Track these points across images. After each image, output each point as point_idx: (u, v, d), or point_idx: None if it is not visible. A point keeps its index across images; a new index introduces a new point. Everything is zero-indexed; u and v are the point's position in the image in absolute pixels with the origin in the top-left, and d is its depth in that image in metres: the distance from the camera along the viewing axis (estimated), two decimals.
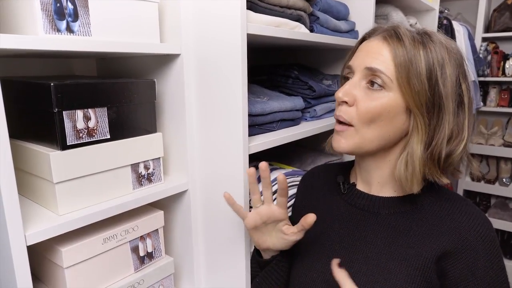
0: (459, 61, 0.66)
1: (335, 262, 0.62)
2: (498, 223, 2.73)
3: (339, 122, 0.68)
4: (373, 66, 0.64)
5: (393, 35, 0.65)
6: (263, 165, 0.69)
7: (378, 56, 0.64)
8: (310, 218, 0.65)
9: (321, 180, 0.83)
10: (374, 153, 0.69)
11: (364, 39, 0.71)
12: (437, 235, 0.64)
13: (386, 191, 0.72)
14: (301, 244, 0.75)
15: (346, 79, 0.70)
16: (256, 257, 0.79)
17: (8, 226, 0.59)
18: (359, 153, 0.70)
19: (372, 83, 0.64)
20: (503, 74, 2.74)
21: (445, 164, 0.66)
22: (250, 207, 0.96)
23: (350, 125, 0.67)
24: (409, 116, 0.65)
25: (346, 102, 0.66)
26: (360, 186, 0.75)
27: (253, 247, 0.85)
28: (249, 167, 0.85)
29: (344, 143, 0.67)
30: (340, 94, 0.66)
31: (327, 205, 0.78)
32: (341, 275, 0.60)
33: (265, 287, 0.77)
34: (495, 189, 2.82)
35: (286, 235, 0.70)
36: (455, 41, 2.22)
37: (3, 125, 0.57)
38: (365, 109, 0.64)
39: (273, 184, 0.99)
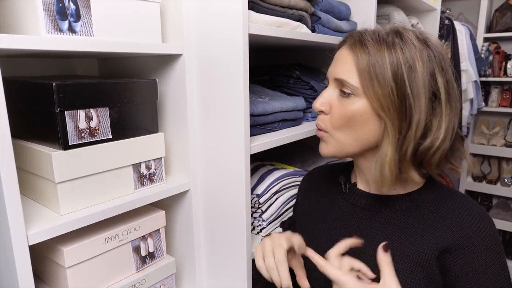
0: (438, 56, 0.64)
1: (381, 246, 0.59)
2: (500, 224, 2.73)
3: (318, 128, 0.72)
4: (339, 77, 0.66)
5: (357, 42, 0.66)
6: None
7: (343, 65, 0.66)
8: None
9: (323, 180, 0.83)
10: (362, 154, 0.70)
11: (338, 47, 0.73)
12: (438, 231, 0.65)
13: (386, 189, 0.72)
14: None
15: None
16: None
17: (10, 226, 0.59)
18: (343, 156, 0.71)
19: (343, 91, 0.67)
20: (505, 74, 2.73)
21: (424, 161, 0.65)
22: (252, 207, 0.96)
23: (325, 130, 0.70)
24: (380, 118, 0.65)
25: (323, 112, 0.70)
26: (361, 186, 0.76)
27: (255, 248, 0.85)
28: (251, 167, 0.86)
29: (325, 148, 0.71)
30: (317, 104, 0.70)
31: (329, 205, 0.78)
32: (384, 261, 0.58)
33: None
34: (496, 190, 2.81)
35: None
36: (457, 41, 2.21)
37: (5, 124, 0.57)
38: (337, 115, 0.67)
39: (275, 183, 0.99)
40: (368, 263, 0.67)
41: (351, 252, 0.70)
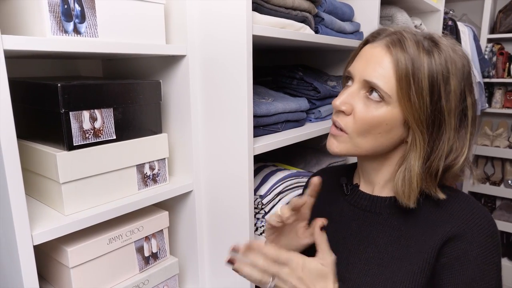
0: (467, 72, 0.62)
1: (317, 224, 0.63)
2: (504, 225, 2.72)
3: (335, 125, 0.68)
4: (372, 81, 0.61)
5: (397, 43, 0.61)
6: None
7: (379, 68, 0.61)
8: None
9: (326, 183, 0.83)
10: (373, 156, 0.69)
11: (367, 41, 0.68)
12: (436, 234, 0.63)
13: (388, 191, 0.71)
14: None
15: (348, 78, 0.68)
16: None
17: (15, 226, 0.59)
18: (351, 156, 0.69)
19: (371, 92, 0.63)
20: (509, 75, 2.72)
21: (444, 177, 0.65)
22: (255, 208, 0.96)
23: (345, 132, 0.66)
24: (407, 128, 0.63)
25: (343, 112, 0.65)
26: (363, 187, 0.75)
27: None
28: (254, 168, 0.86)
29: (336, 146, 0.67)
30: (338, 102, 0.64)
31: (331, 206, 0.78)
32: (320, 239, 0.62)
33: None
34: (500, 191, 2.80)
35: (299, 238, 0.71)
36: (460, 42, 2.21)
37: (10, 125, 0.58)
38: (361, 120, 0.63)
39: (278, 184, 1.00)
40: (366, 264, 0.67)
41: (350, 255, 0.70)
